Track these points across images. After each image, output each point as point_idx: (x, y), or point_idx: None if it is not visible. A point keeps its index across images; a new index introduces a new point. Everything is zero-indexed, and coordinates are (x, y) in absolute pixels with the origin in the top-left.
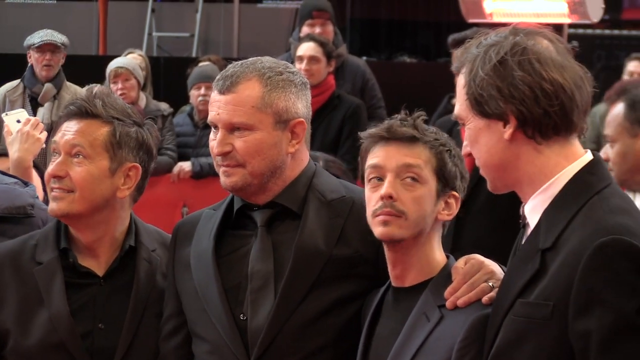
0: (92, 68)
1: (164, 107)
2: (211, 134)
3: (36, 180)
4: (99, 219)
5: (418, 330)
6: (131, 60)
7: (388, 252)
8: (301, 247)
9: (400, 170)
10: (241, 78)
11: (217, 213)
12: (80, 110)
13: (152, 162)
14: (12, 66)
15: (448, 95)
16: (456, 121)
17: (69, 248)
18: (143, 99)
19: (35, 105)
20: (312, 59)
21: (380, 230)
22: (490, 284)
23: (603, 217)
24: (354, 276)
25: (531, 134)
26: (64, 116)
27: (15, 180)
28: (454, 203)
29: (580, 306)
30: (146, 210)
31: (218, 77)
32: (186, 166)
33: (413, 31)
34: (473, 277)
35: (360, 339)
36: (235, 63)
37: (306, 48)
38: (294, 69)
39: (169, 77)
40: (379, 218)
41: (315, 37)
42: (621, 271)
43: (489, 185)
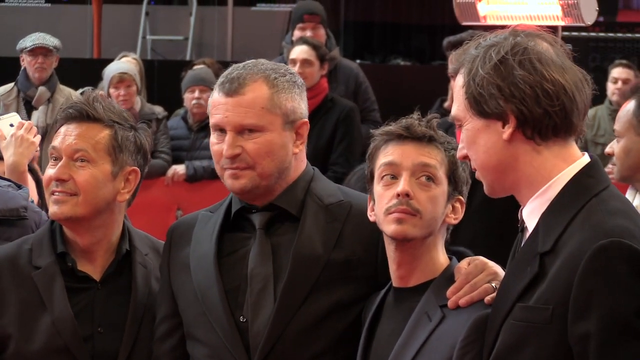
0: (87, 71)
1: (159, 111)
2: (213, 138)
3: (30, 183)
4: (99, 223)
5: (420, 329)
6: (132, 66)
7: (394, 252)
8: (299, 251)
9: (416, 169)
10: (248, 80)
11: (216, 215)
12: (81, 113)
13: (147, 166)
14: (7, 70)
15: (440, 98)
16: (451, 124)
17: (67, 252)
18: (138, 103)
19: (29, 108)
20: (305, 62)
21: (393, 228)
22: (493, 285)
23: (602, 220)
24: (353, 279)
25: (530, 135)
26: (62, 119)
27: (8, 183)
28: (460, 207)
29: (579, 309)
30: (140, 213)
31: (222, 80)
32: (180, 169)
33: (407, 34)
34: (476, 278)
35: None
36: (235, 66)
37: (299, 51)
38: (293, 70)
39: (163, 81)
40: (394, 215)
41: (308, 40)
42: (620, 274)
43: (486, 189)
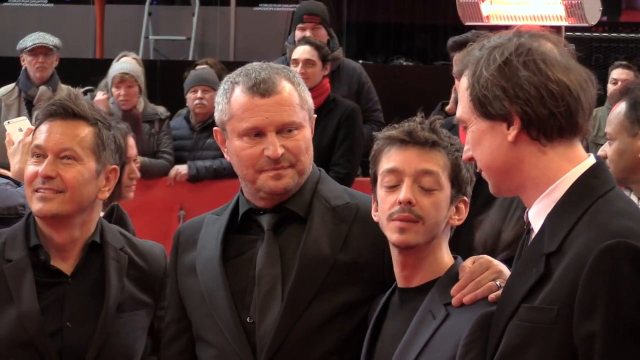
0: (89, 71)
1: (161, 111)
2: (243, 142)
3: None
4: (79, 221)
5: (424, 327)
6: (135, 66)
7: (398, 256)
8: (306, 253)
9: (418, 175)
10: (275, 79)
11: (222, 217)
12: (65, 110)
13: (119, 165)
14: (10, 69)
15: (441, 102)
16: (454, 125)
17: (41, 245)
18: (141, 103)
19: (30, 108)
20: (308, 62)
21: (396, 237)
22: (497, 283)
23: (608, 220)
24: (360, 281)
25: (535, 136)
26: (44, 116)
27: (6, 180)
28: (464, 208)
29: (584, 309)
30: (143, 213)
31: (251, 83)
32: (183, 169)
33: (410, 34)
34: (480, 276)
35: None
36: (253, 68)
37: (301, 51)
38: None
39: (166, 81)
40: (396, 224)
41: (310, 41)
42: (626, 274)
43: (491, 188)
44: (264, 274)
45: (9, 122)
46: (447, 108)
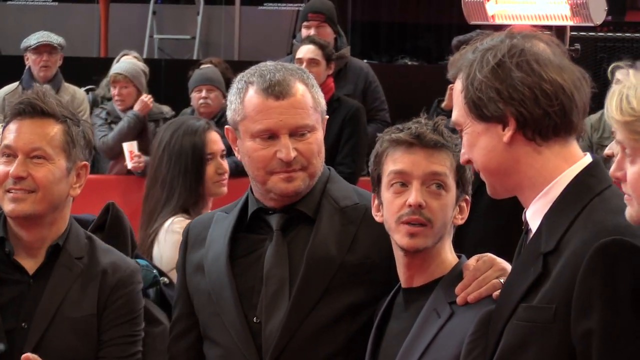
0: (93, 70)
1: (166, 110)
2: (255, 144)
3: None
4: (50, 220)
5: (429, 326)
6: (133, 66)
7: (404, 257)
8: (313, 253)
9: (427, 177)
10: (291, 82)
11: (231, 216)
12: (34, 108)
13: (90, 161)
14: (14, 68)
15: (437, 99)
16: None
17: (6, 238)
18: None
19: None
20: (312, 62)
21: (406, 241)
22: (501, 281)
23: (604, 219)
24: (366, 282)
25: (531, 136)
26: (13, 115)
27: None
28: (465, 207)
29: (582, 307)
30: None
31: (265, 85)
32: None
33: (414, 34)
34: (484, 274)
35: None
36: (266, 69)
37: (305, 50)
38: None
39: (170, 80)
40: (406, 228)
41: (315, 40)
42: (622, 271)
43: (489, 189)
44: (272, 275)
45: None
46: (444, 104)
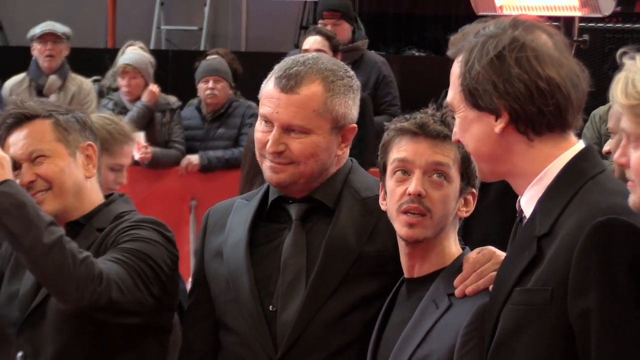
0: (101, 61)
1: (173, 101)
2: (259, 125)
3: None
4: (76, 204)
5: (427, 316)
6: (142, 57)
7: (406, 247)
8: (331, 244)
9: (429, 167)
10: (305, 79)
11: (252, 203)
12: (19, 118)
13: (98, 142)
14: (23, 59)
15: (444, 90)
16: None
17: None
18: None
19: (41, 97)
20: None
21: (405, 231)
22: None
23: (598, 199)
24: (383, 274)
25: (523, 130)
26: (5, 131)
27: None
28: (472, 200)
29: (578, 287)
30: (154, 203)
31: (280, 73)
32: (194, 159)
33: (422, 25)
34: (483, 266)
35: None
36: (295, 59)
37: (312, 41)
38: (351, 73)
39: (177, 71)
40: (405, 218)
41: (322, 31)
42: (618, 250)
43: (478, 173)
44: (289, 264)
45: None
46: None
